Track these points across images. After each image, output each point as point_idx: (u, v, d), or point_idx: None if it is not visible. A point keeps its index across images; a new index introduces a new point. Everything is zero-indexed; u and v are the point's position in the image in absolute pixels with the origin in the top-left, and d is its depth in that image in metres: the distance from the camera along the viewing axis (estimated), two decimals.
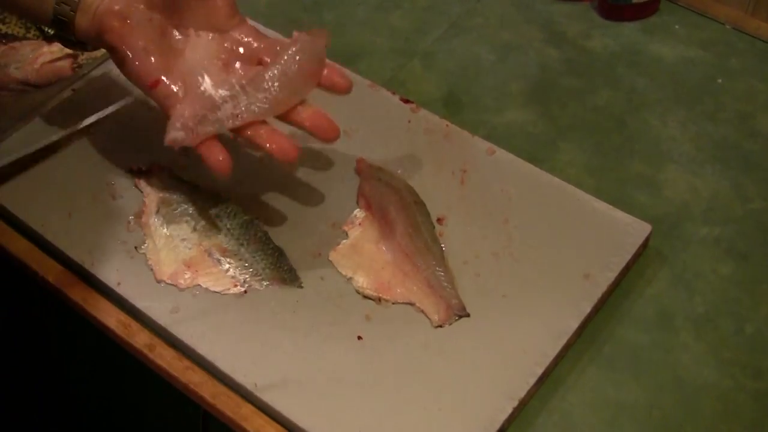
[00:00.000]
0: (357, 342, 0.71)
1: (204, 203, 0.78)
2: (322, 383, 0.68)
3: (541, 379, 0.69)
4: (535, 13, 0.99)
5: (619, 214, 0.77)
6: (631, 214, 0.77)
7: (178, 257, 0.75)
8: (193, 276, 0.74)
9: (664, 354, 0.72)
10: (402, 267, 0.74)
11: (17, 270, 0.79)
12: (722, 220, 0.80)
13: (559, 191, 0.79)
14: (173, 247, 0.76)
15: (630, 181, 0.83)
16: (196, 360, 0.71)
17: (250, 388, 0.68)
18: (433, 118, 0.85)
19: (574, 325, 0.71)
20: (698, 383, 0.70)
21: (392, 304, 0.73)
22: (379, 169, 0.80)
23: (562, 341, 0.70)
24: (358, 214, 0.78)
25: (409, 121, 0.85)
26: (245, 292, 0.74)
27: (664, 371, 0.71)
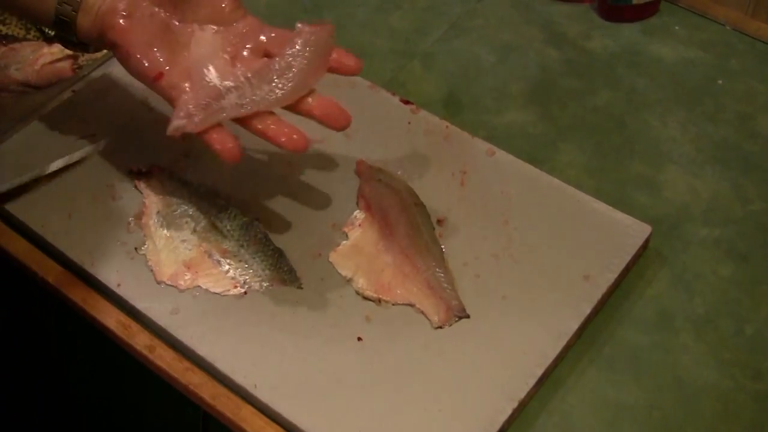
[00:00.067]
0: (357, 343, 0.70)
1: (204, 204, 0.78)
2: (322, 384, 0.68)
3: (541, 380, 0.69)
4: (535, 14, 0.99)
5: (619, 215, 0.77)
6: (631, 215, 0.77)
7: (178, 258, 0.75)
8: (193, 277, 0.74)
9: (664, 355, 0.72)
10: (402, 268, 0.74)
11: (17, 271, 0.79)
12: (722, 221, 0.80)
13: (559, 192, 0.79)
14: (173, 248, 0.76)
15: (630, 182, 0.83)
16: (196, 361, 0.71)
17: (250, 389, 0.68)
18: (433, 119, 0.85)
19: (574, 326, 0.71)
20: (698, 384, 0.70)
21: (392, 305, 0.73)
22: (379, 171, 0.80)
23: (562, 342, 0.70)
24: (358, 215, 0.78)
25: (409, 123, 0.85)
26: (245, 293, 0.74)
27: (664, 372, 0.71)
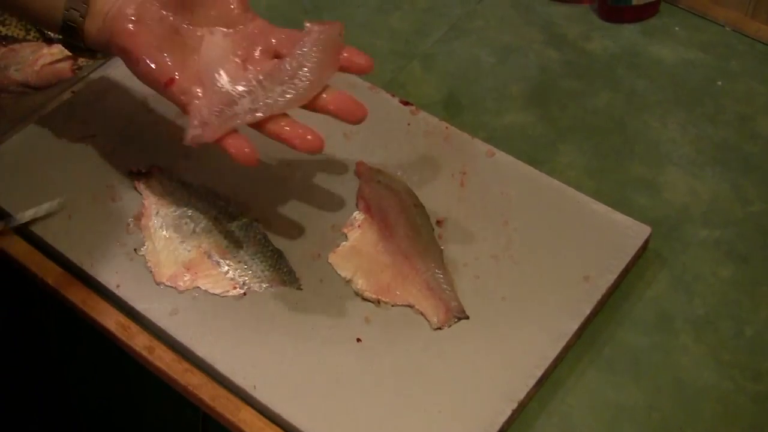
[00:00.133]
0: (356, 344, 0.70)
1: (203, 205, 0.78)
2: (322, 385, 0.68)
3: (541, 381, 0.69)
4: (535, 15, 0.99)
5: (618, 217, 0.77)
6: (631, 216, 0.77)
7: (178, 259, 0.75)
8: (192, 278, 0.74)
9: (663, 356, 0.72)
10: (401, 269, 0.74)
11: (17, 272, 0.79)
12: (722, 222, 0.80)
13: (559, 193, 0.79)
14: (173, 249, 0.76)
15: (630, 183, 0.83)
16: (196, 362, 0.71)
17: (250, 390, 0.68)
18: (433, 120, 0.85)
19: (574, 327, 0.71)
20: (698, 385, 0.70)
21: (391, 306, 0.73)
22: (379, 172, 0.80)
23: (562, 343, 0.70)
24: (358, 216, 0.78)
25: (408, 124, 0.85)
26: (244, 294, 0.74)
27: (664, 373, 0.71)
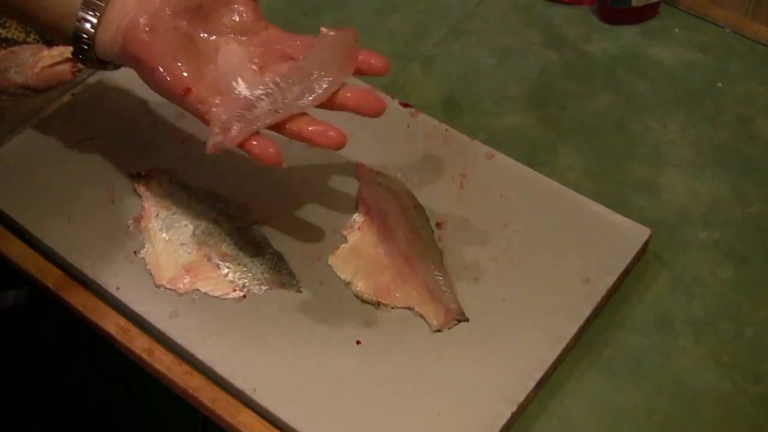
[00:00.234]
0: (356, 346, 0.70)
1: (203, 207, 0.78)
2: (321, 388, 0.68)
3: (540, 384, 0.69)
4: (534, 17, 0.99)
5: (618, 218, 0.77)
6: (631, 218, 0.77)
7: (178, 262, 0.75)
8: (192, 280, 0.74)
9: (663, 358, 0.72)
10: (401, 271, 0.74)
11: (16, 274, 0.79)
12: (722, 223, 0.80)
13: (559, 195, 0.79)
14: (172, 252, 0.76)
15: (629, 185, 0.83)
16: (195, 365, 0.71)
17: (249, 392, 0.68)
18: (433, 122, 0.85)
19: (573, 329, 0.71)
20: (698, 387, 0.70)
21: (391, 308, 0.73)
22: (379, 174, 0.80)
23: (561, 345, 0.70)
24: (357, 218, 0.78)
25: (408, 126, 0.85)
26: (244, 296, 0.74)
27: (664, 375, 0.71)
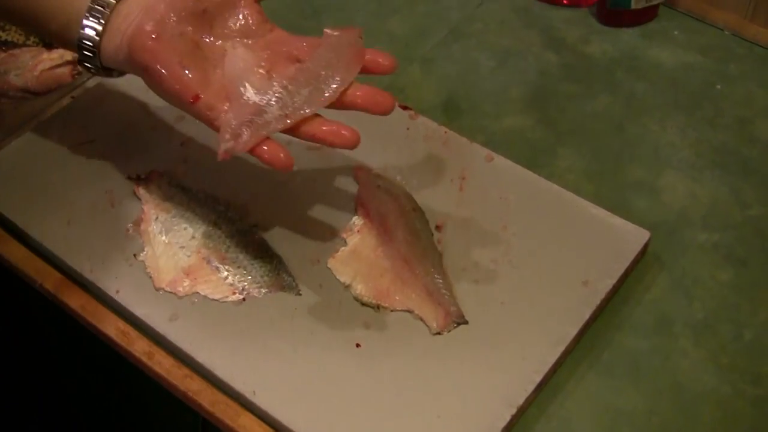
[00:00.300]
0: (356, 349, 0.70)
1: (203, 210, 0.78)
2: (321, 390, 0.68)
3: (540, 386, 0.69)
4: (534, 19, 0.99)
5: (617, 221, 0.77)
6: (630, 221, 0.77)
7: (177, 265, 0.75)
8: (191, 283, 0.74)
9: (663, 360, 0.72)
10: (400, 274, 0.74)
11: (16, 277, 0.79)
12: (721, 226, 0.80)
13: (558, 198, 0.79)
14: (172, 255, 0.76)
15: (629, 187, 0.83)
16: (195, 368, 0.71)
17: (249, 395, 0.68)
18: (432, 124, 0.85)
19: (573, 331, 0.71)
20: (697, 389, 0.70)
21: (391, 311, 0.73)
22: (378, 176, 0.80)
23: (561, 348, 0.70)
24: (357, 221, 0.78)
25: (407, 128, 0.85)
26: (244, 299, 0.74)
27: (663, 377, 0.71)
